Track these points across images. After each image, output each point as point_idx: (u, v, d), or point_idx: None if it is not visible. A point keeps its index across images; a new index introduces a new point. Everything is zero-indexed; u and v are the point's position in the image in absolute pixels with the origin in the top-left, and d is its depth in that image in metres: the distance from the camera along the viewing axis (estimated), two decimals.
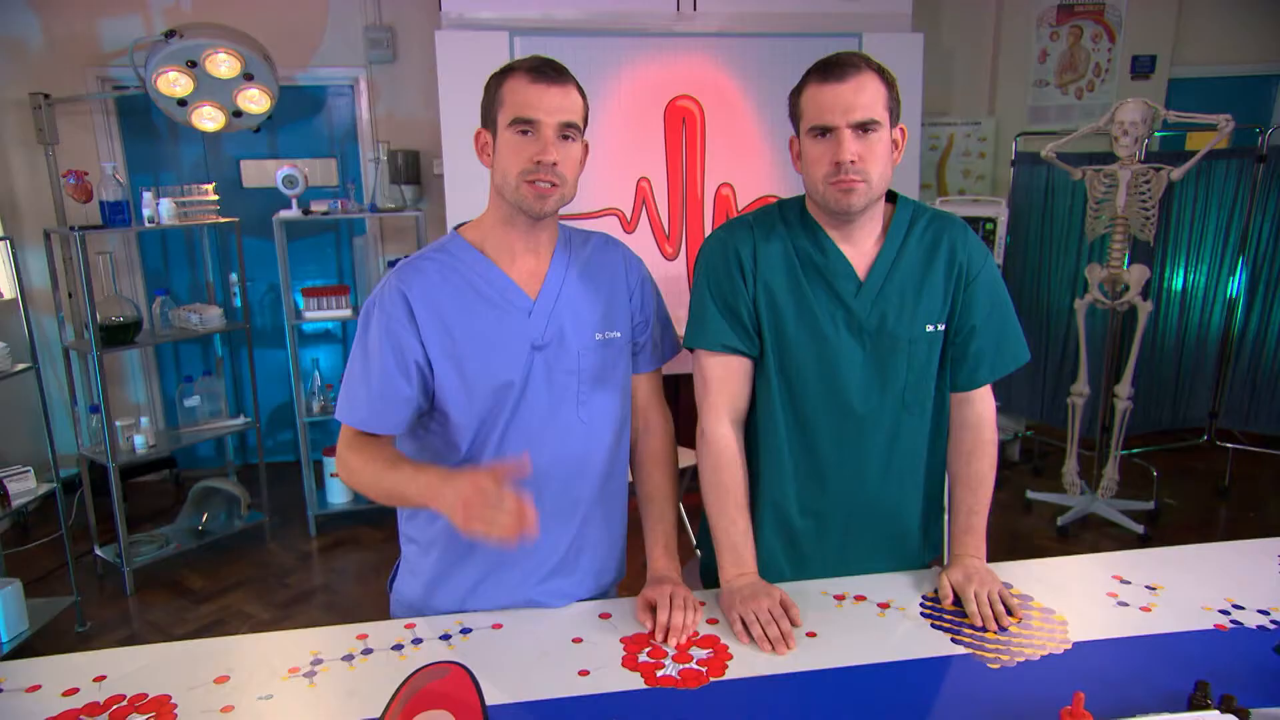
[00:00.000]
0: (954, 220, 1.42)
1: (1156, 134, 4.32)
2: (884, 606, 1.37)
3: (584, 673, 1.20)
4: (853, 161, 1.26)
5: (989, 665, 1.21)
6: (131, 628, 3.07)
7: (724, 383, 1.40)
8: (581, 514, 1.41)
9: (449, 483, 1.16)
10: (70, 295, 3.76)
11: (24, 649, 2.75)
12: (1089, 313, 3.64)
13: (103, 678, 1.19)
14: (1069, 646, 1.25)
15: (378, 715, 1.11)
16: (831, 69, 1.26)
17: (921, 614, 1.35)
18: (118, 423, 3.29)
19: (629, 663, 1.23)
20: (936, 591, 1.39)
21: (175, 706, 1.13)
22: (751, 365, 1.41)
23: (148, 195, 3.29)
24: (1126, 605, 1.36)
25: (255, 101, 3.61)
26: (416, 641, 1.29)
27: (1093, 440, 3.90)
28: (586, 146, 1.33)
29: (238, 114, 3.65)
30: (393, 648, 1.27)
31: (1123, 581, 1.43)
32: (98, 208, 3.23)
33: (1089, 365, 3.66)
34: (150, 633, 3.02)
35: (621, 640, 1.29)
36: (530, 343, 1.33)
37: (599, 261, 1.41)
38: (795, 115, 1.32)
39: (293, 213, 3.53)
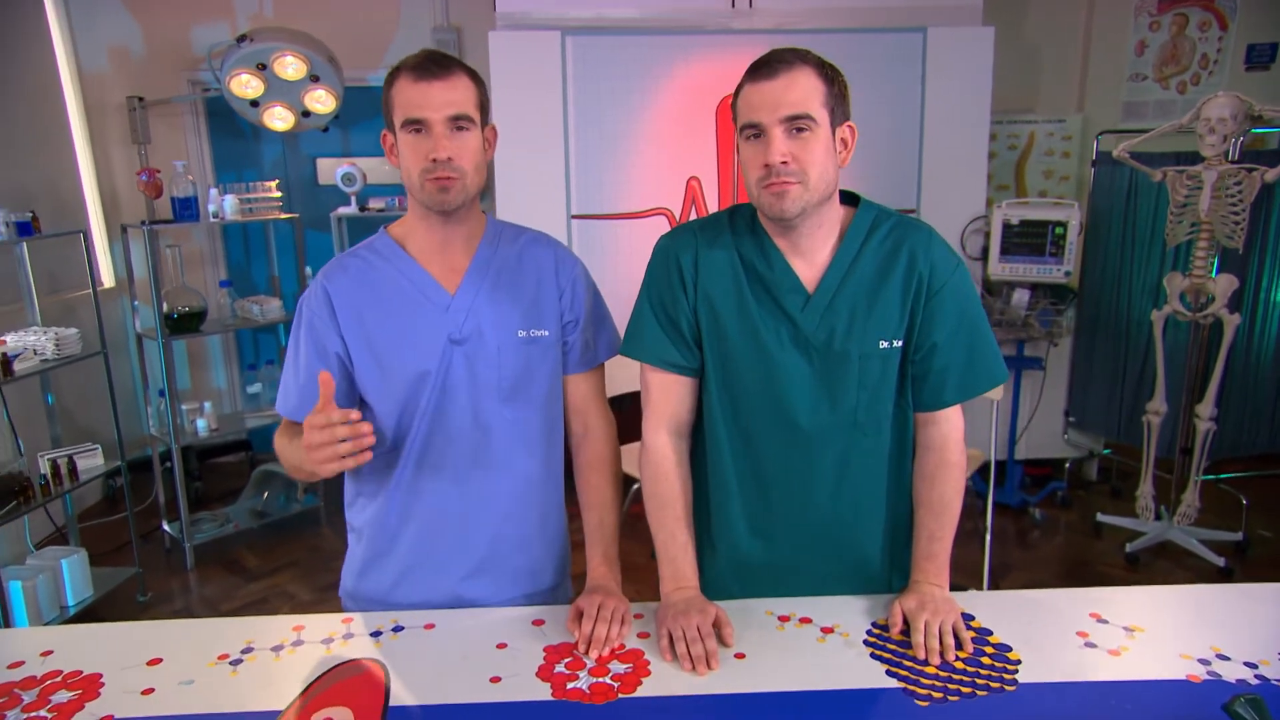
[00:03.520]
0: (919, 227, 1.33)
1: (1264, 131, 3.97)
2: (828, 631, 1.31)
3: (495, 679, 1.19)
4: (784, 162, 1.19)
5: (917, 702, 1.14)
6: (187, 600, 3.25)
7: (664, 394, 1.36)
8: (502, 511, 1.41)
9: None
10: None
11: (88, 614, 2.96)
12: (1169, 325, 3.37)
13: (49, 653, 1.26)
14: (1014, 689, 1.16)
15: (283, 708, 1.14)
16: (763, 66, 1.21)
17: (865, 641, 1.28)
18: (183, 407, 3.49)
19: (544, 672, 1.21)
20: (888, 618, 1.32)
21: (103, 685, 1.19)
22: (695, 377, 1.36)
23: (213, 191, 3.47)
24: (1094, 647, 1.25)
25: (321, 102, 3.76)
26: (348, 636, 1.31)
27: (1173, 462, 3.61)
28: (493, 130, 1.34)
29: (306, 114, 3.80)
30: (323, 641, 1.30)
31: (1100, 620, 1.32)
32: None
33: (1167, 382, 3.39)
34: (201, 606, 3.19)
35: (545, 649, 1.27)
36: (447, 336, 1.34)
37: (528, 259, 1.41)
38: (734, 119, 1.27)
39: (350, 209, 3.66)
